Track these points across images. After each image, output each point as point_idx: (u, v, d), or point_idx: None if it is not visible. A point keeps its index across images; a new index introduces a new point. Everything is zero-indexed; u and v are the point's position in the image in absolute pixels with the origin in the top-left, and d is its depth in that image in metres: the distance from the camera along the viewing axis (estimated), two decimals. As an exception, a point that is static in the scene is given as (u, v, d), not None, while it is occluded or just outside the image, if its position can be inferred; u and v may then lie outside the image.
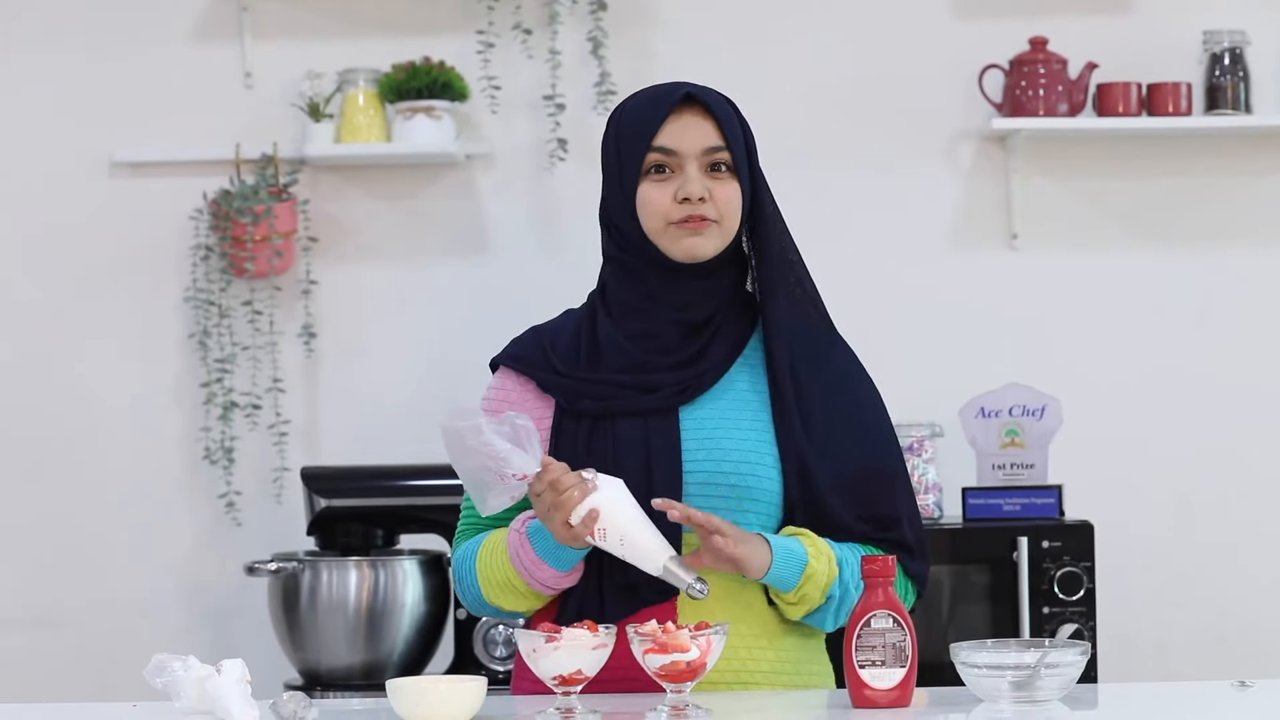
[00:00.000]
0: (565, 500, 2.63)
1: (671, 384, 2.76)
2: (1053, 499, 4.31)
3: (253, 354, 4.66)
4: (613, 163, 2.83)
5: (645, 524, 2.66)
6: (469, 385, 4.56)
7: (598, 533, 2.64)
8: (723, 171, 2.79)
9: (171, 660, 2.58)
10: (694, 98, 2.80)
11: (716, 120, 2.79)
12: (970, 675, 2.57)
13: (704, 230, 2.77)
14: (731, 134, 2.79)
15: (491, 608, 2.83)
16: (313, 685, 4.27)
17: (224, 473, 4.62)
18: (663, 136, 2.78)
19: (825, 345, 2.85)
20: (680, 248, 2.78)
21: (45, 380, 4.68)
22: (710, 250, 2.78)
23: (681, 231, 2.77)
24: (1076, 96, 4.56)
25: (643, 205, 2.78)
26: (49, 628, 4.67)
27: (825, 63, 4.68)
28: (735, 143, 2.79)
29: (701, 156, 2.78)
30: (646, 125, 2.79)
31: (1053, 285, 4.68)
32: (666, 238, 2.78)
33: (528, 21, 4.60)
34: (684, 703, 2.51)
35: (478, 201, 4.69)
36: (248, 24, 4.67)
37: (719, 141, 2.78)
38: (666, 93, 2.82)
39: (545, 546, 2.72)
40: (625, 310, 2.82)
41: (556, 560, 2.72)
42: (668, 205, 2.77)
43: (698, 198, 2.76)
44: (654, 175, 2.79)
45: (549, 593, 2.76)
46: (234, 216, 4.54)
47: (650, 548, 2.65)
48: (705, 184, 2.77)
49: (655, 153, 2.78)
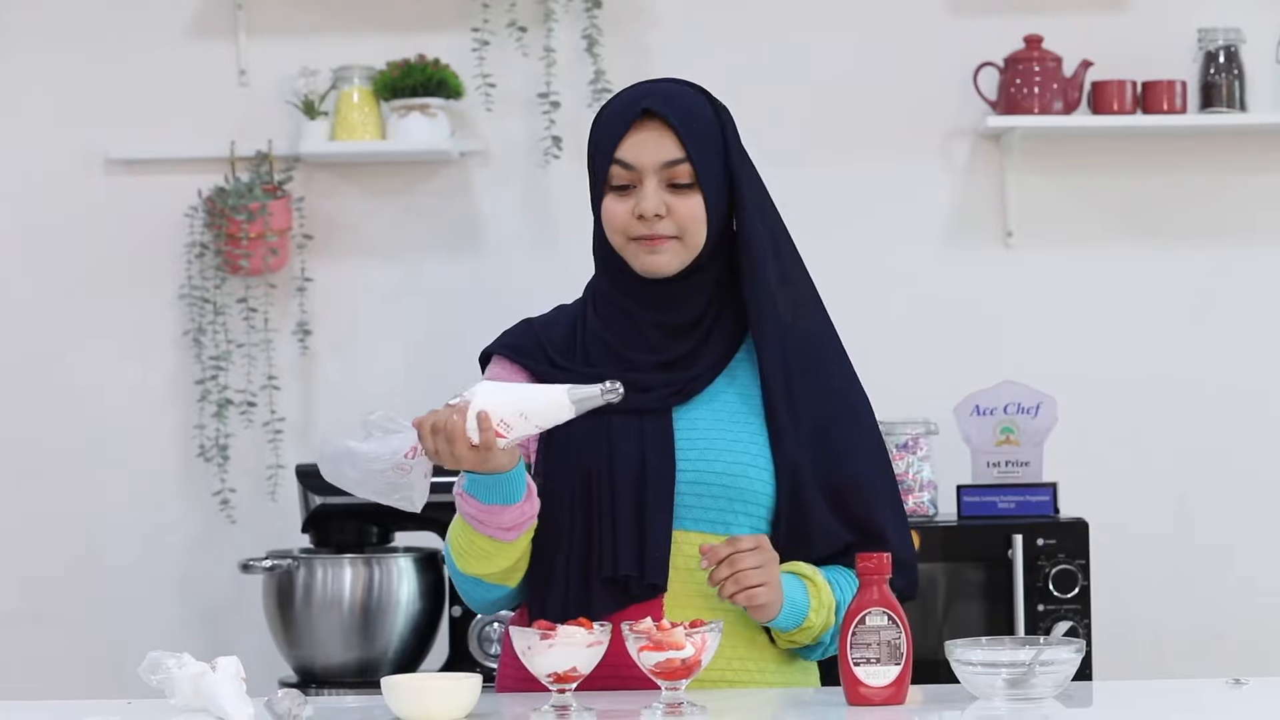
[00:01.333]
0: (452, 428, 2.60)
1: (664, 385, 2.76)
2: (1047, 496, 4.31)
3: (247, 351, 4.66)
4: (589, 169, 2.82)
5: (529, 390, 2.62)
6: (463, 381, 4.57)
7: (502, 429, 2.59)
8: (683, 186, 2.75)
9: (166, 657, 2.58)
10: (652, 112, 2.75)
11: (676, 133, 2.74)
12: (965, 673, 2.58)
13: (661, 248, 2.75)
14: (693, 144, 2.75)
15: (483, 592, 2.79)
16: (307, 682, 4.27)
17: (219, 470, 4.62)
18: (623, 149, 2.75)
19: (819, 348, 2.83)
20: (640, 264, 2.77)
21: (40, 377, 4.68)
22: (673, 266, 2.76)
23: (640, 248, 2.76)
24: (1071, 94, 4.56)
25: (606, 219, 2.78)
26: (43, 624, 4.67)
27: (820, 60, 4.68)
28: (699, 152, 2.75)
29: (660, 171, 2.74)
30: (609, 137, 2.77)
31: (1048, 283, 4.68)
32: (628, 252, 2.77)
33: (522, 19, 4.60)
34: (679, 700, 2.51)
35: (472, 199, 4.69)
36: (242, 21, 4.67)
37: (678, 154, 2.74)
38: (630, 103, 2.78)
39: (483, 490, 2.68)
40: (611, 309, 2.81)
41: (500, 494, 2.68)
42: (626, 220, 2.75)
43: (653, 214, 2.73)
44: (616, 191, 2.77)
45: (515, 535, 2.71)
46: (229, 214, 4.54)
47: (551, 398, 2.59)
48: (665, 199, 2.74)
49: (616, 166, 2.76)
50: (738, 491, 2.74)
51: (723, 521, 2.73)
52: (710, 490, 2.74)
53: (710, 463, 2.74)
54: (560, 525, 2.76)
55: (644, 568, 2.71)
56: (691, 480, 2.74)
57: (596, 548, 2.73)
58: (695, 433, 2.76)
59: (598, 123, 2.82)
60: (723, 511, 2.73)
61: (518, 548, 2.74)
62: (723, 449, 2.75)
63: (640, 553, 2.72)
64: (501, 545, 2.73)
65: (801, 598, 2.72)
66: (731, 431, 2.77)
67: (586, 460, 2.73)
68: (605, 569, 2.72)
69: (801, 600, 2.71)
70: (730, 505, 2.74)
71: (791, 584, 2.71)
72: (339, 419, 4.66)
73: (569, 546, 2.75)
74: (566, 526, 2.76)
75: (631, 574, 2.71)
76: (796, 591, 2.71)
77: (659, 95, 2.78)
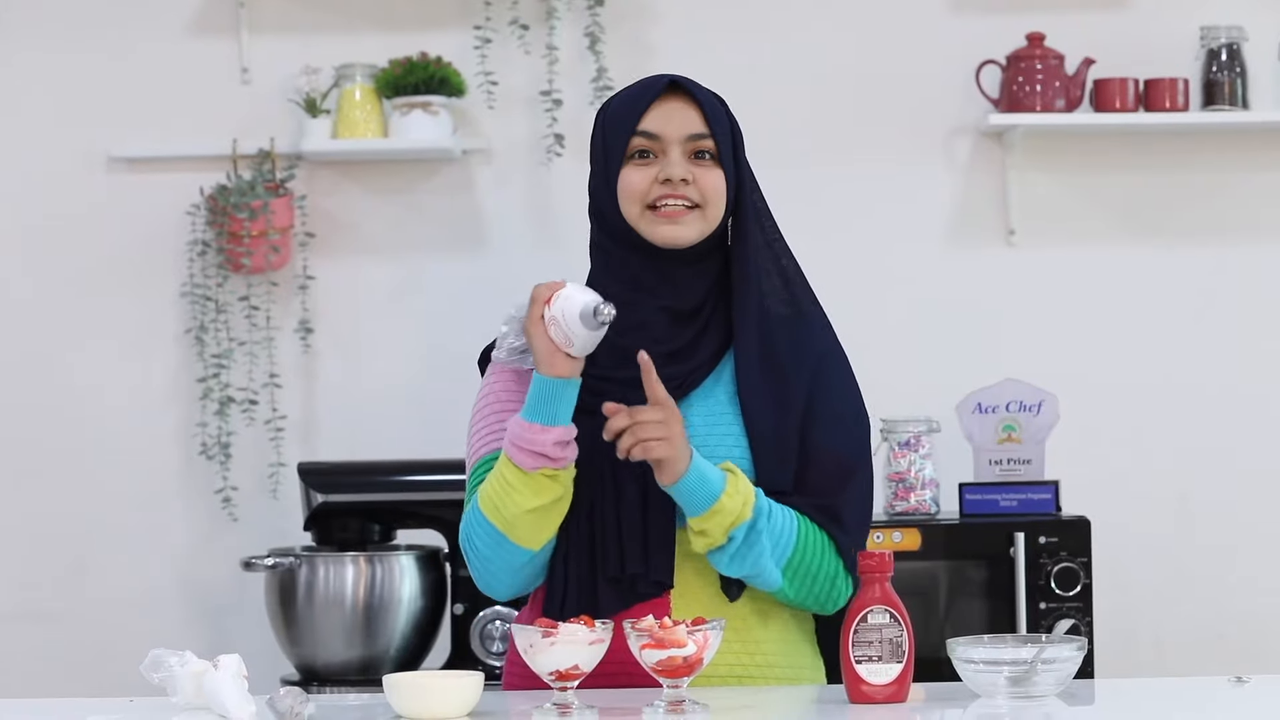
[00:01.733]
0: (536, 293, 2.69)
1: (666, 380, 2.76)
2: (1049, 494, 4.31)
3: (249, 349, 4.66)
4: (598, 152, 2.84)
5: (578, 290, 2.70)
6: (466, 380, 4.57)
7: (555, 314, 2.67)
8: (707, 159, 2.79)
9: (168, 655, 2.58)
10: (679, 85, 2.81)
11: (701, 109, 2.80)
12: (967, 671, 2.58)
13: (682, 218, 2.77)
14: (717, 123, 2.80)
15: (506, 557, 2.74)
16: (309, 680, 4.27)
17: (220, 468, 4.62)
18: (647, 121, 2.79)
19: (803, 329, 2.83)
20: (659, 233, 2.78)
21: (42, 376, 4.68)
22: (692, 236, 2.78)
23: (659, 218, 2.77)
24: (1073, 92, 4.56)
25: (623, 189, 2.79)
26: (46, 623, 4.67)
27: (822, 58, 4.68)
28: (721, 132, 2.80)
29: (685, 142, 2.79)
30: (632, 111, 2.80)
31: (1050, 281, 4.68)
32: (644, 222, 2.78)
33: (525, 17, 4.60)
34: (680, 698, 2.51)
35: (474, 197, 4.69)
36: (245, 19, 4.67)
37: (703, 129, 2.79)
38: (653, 80, 2.84)
39: (531, 407, 2.70)
40: (615, 290, 2.78)
41: (543, 413, 2.67)
42: (646, 186, 2.77)
43: (679, 179, 2.76)
44: (637, 160, 2.80)
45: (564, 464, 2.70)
46: (231, 212, 4.54)
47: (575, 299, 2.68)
48: (689, 168, 2.78)
49: (639, 137, 2.79)
50: None
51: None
52: None
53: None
54: (565, 525, 2.76)
55: (650, 565, 2.71)
56: None
57: (601, 547, 2.73)
58: (690, 429, 2.76)
59: (611, 106, 2.85)
60: None
61: (556, 486, 2.70)
62: (714, 444, 2.76)
63: (645, 550, 2.72)
64: (537, 482, 2.69)
65: (717, 477, 2.69)
66: (722, 426, 2.78)
67: (589, 458, 2.73)
68: (611, 568, 2.73)
69: (716, 479, 2.69)
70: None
71: (708, 467, 2.70)
72: (341, 418, 4.66)
73: (574, 546, 2.75)
74: (571, 526, 2.76)
75: (638, 572, 2.71)
76: (712, 472, 2.70)
77: (682, 78, 2.83)
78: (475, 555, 2.78)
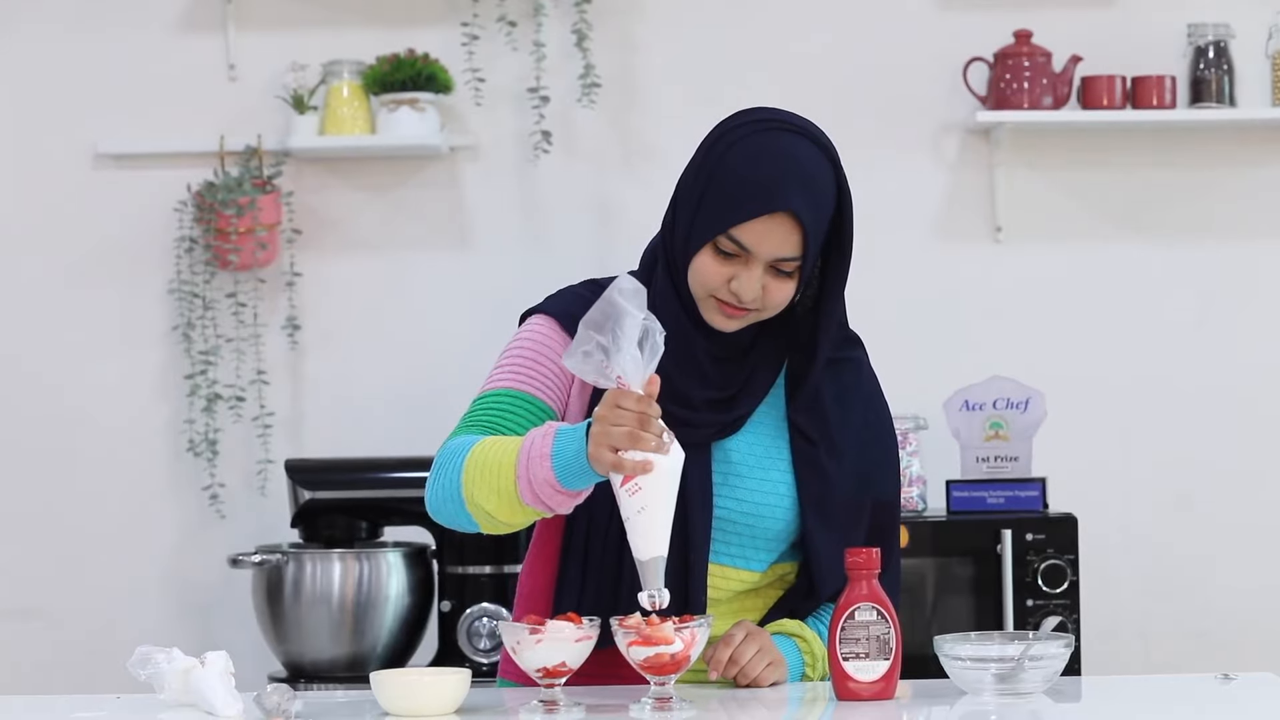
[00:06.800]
0: (643, 438, 2.47)
1: (709, 424, 2.72)
2: (1036, 492, 4.31)
3: (237, 346, 4.65)
4: (690, 203, 2.70)
5: (670, 513, 2.52)
6: (453, 377, 4.58)
7: (632, 486, 2.49)
8: (786, 273, 2.69)
9: (155, 652, 2.57)
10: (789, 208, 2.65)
11: (804, 230, 2.67)
12: (954, 668, 2.58)
13: (740, 317, 2.70)
14: (813, 239, 2.68)
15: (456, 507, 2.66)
16: (297, 677, 4.27)
17: (208, 465, 4.62)
18: (744, 233, 2.65)
19: (853, 373, 2.85)
20: (713, 320, 2.71)
21: (28, 372, 4.67)
22: (739, 327, 2.72)
23: (719, 310, 2.69)
24: (1061, 89, 4.57)
25: (695, 270, 2.69)
26: (33, 619, 4.67)
27: (808, 55, 4.68)
28: (814, 245, 2.68)
29: (772, 262, 2.68)
30: (733, 209, 2.66)
31: (1037, 278, 4.68)
32: (705, 306, 2.70)
33: (512, 14, 4.60)
34: (667, 695, 2.51)
35: (462, 194, 4.69)
36: (232, 15, 4.66)
37: (795, 253, 2.67)
38: (770, 185, 2.65)
39: (565, 454, 2.53)
40: (665, 323, 2.59)
41: (566, 474, 2.53)
42: (718, 284, 2.68)
43: (749, 300, 2.68)
44: (718, 253, 2.68)
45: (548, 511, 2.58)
46: (218, 208, 4.54)
47: (657, 536, 2.50)
48: (764, 282, 2.68)
49: (729, 240, 2.66)
50: (763, 529, 2.74)
51: (743, 556, 2.75)
52: (735, 526, 2.74)
53: (740, 501, 2.73)
54: (597, 556, 2.73)
55: (687, 603, 2.70)
56: (720, 517, 2.73)
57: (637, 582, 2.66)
58: (728, 466, 2.74)
59: (722, 167, 2.69)
60: (744, 546, 2.75)
61: (536, 515, 2.62)
62: (753, 487, 2.74)
63: (685, 588, 2.70)
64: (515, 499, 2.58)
65: (795, 659, 2.74)
66: (763, 468, 2.76)
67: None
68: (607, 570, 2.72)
69: (796, 661, 2.74)
70: (753, 539, 2.75)
71: (786, 647, 2.73)
72: (329, 415, 4.66)
73: (608, 578, 2.72)
74: (599, 556, 2.73)
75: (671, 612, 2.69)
76: (792, 654, 2.74)
77: (799, 181, 2.67)
78: (435, 486, 2.71)
